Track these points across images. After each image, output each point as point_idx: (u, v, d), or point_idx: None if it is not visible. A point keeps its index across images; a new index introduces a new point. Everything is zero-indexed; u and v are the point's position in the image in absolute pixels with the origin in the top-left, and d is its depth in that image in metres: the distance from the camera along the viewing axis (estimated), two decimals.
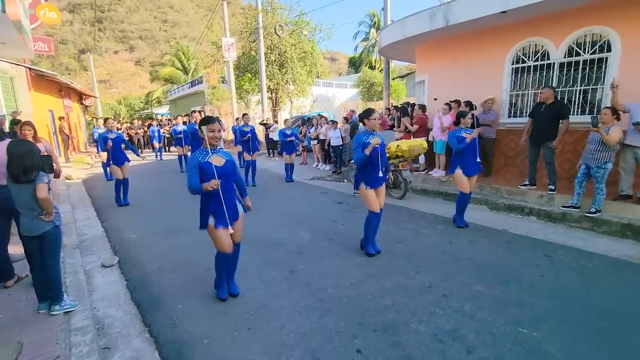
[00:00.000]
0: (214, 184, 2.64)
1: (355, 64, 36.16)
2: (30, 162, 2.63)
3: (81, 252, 4.30)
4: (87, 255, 4.31)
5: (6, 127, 5.63)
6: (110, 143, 6.40)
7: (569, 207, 4.88)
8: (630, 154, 4.63)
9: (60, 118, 12.86)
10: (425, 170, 7.63)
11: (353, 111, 10.97)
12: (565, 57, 5.96)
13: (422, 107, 7.59)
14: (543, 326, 2.62)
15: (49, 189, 2.74)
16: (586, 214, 4.66)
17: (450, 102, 6.99)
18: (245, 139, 8.06)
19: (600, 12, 5.44)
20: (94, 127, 12.58)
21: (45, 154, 5.12)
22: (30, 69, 10.35)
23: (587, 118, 4.97)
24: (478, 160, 4.73)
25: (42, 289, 2.86)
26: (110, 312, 3.04)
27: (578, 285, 3.24)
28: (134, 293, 3.38)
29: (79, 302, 3.00)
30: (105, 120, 6.86)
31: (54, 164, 5.07)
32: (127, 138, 17.05)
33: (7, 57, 8.69)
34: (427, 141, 6.85)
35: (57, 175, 5.07)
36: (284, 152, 8.63)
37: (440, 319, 2.75)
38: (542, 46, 6.21)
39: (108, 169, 6.66)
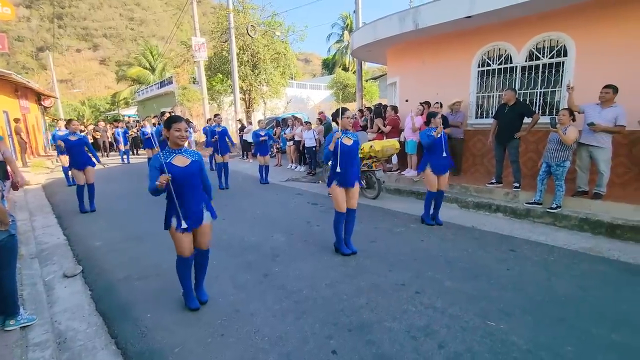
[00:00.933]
0: (163, 178, 2.52)
1: (329, 66, 36.41)
2: None
3: (40, 262, 4.05)
4: (47, 265, 4.05)
5: None
6: (61, 142, 6.15)
7: (532, 203, 5.14)
8: (585, 153, 4.93)
9: (16, 120, 12.06)
10: (398, 170, 7.79)
11: (322, 112, 11.02)
12: (526, 61, 6.27)
13: (394, 108, 7.74)
14: (509, 318, 2.74)
15: (3, 197, 2.55)
16: (548, 210, 4.92)
17: (421, 103, 7.18)
18: (213, 140, 7.87)
19: (557, 19, 5.78)
20: (55, 129, 11.88)
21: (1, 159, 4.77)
22: None
23: (547, 119, 5.25)
24: (445, 155, 4.76)
25: None
26: (73, 325, 2.86)
27: (541, 277, 3.41)
28: (99, 303, 3.21)
29: (37, 315, 2.82)
30: (69, 121, 6.42)
31: (14, 174, 4.70)
32: (92, 141, 16.28)
33: None
34: (399, 142, 7.00)
35: (15, 187, 4.71)
36: (258, 154, 8.52)
37: (413, 316, 2.80)
38: (505, 50, 6.51)
39: (70, 172, 6.29)
